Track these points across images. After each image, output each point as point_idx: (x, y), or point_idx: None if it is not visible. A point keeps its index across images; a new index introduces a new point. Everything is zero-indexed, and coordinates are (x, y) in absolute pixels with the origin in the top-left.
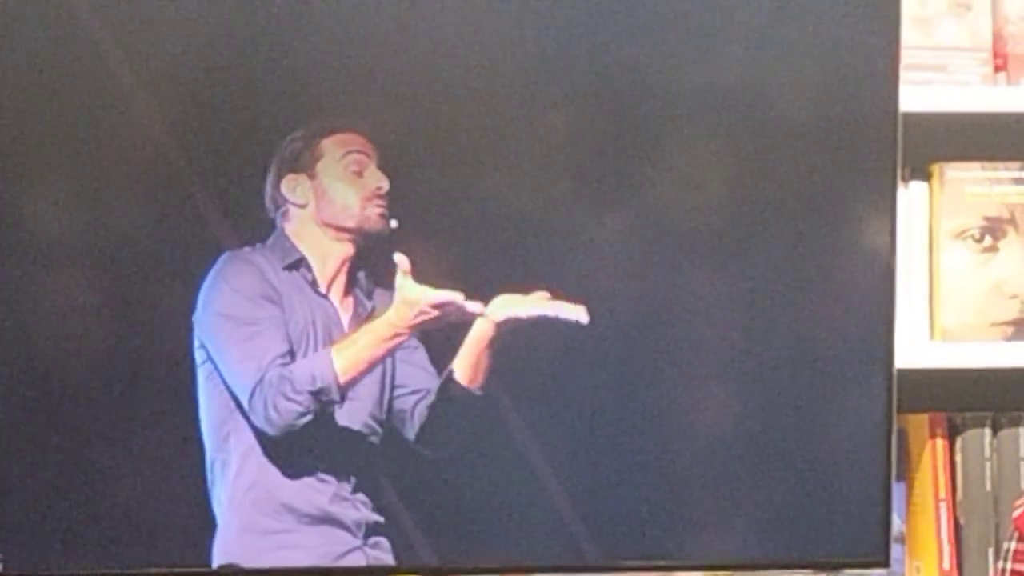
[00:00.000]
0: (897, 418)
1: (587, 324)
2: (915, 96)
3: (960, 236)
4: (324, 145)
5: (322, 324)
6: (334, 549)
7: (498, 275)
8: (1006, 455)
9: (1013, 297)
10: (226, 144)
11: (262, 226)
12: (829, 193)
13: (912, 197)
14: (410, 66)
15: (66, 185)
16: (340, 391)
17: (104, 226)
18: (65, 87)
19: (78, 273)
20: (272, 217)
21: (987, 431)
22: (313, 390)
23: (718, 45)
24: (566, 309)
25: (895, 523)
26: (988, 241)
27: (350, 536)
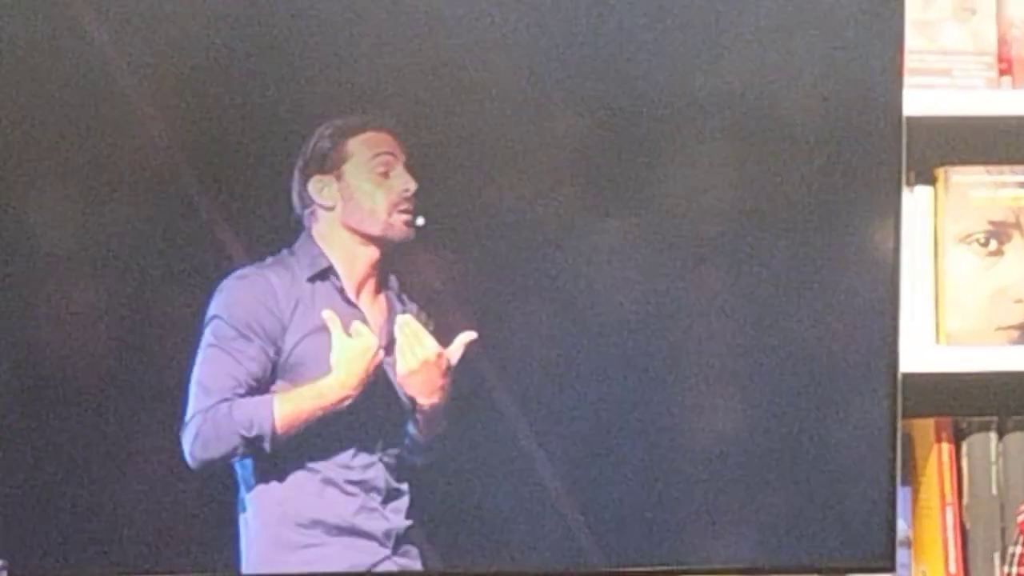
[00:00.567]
0: (903, 423)
1: (595, 328)
2: (920, 100)
3: (965, 240)
4: (351, 145)
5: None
6: (363, 560)
7: (508, 282)
8: (1012, 459)
9: (1018, 301)
10: (249, 146)
11: (287, 230)
12: (834, 198)
13: (917, 201)
14: (437, 65)
15: (86, 191)
16: (273, 441)
17: (122, 230)
18: (81, 90)
19: (96, 281)
20: (299, 215)
21: (993, 435)
22: (248, 436)
23: (724, 51)
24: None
25: (901, 527)
26: (993, 245)
27: (378, 546)
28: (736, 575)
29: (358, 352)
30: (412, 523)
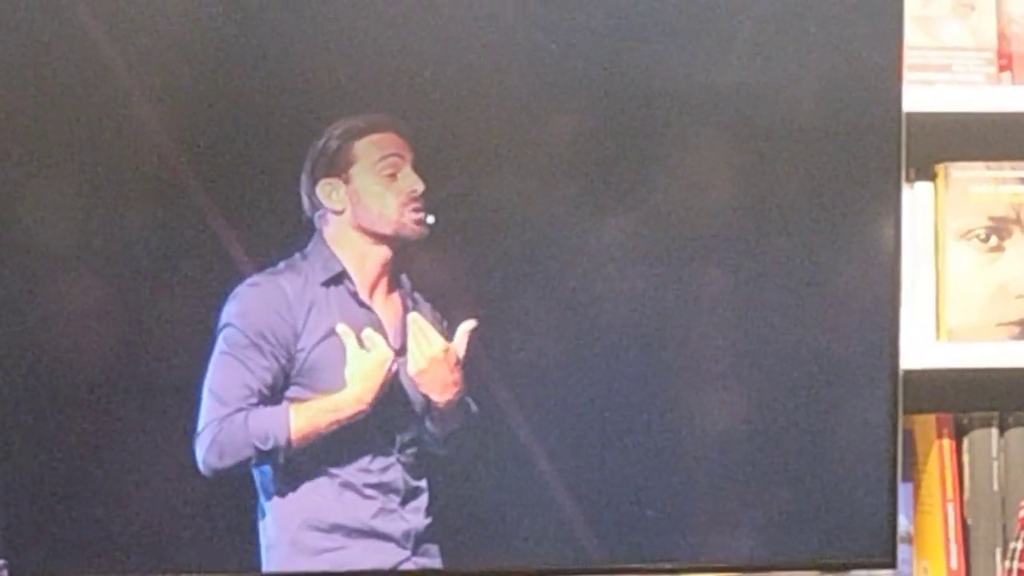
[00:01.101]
0: (904, 418)
1: (603, 322)
2: (920, 96)
3: (965, 236)
4: (358, 147)
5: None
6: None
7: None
8: (1013, 455)
9: (1019, 297)
10: (259, 149)
11: (299, 233)
12: (834, 194)
13: (917, 197)
14: (442, 66)
15: (98, 198)
16: (289, 451)
17: (132, 237)
18: (89, 97)
19: (108, 287)
20: (310, 217)
21: (994, 431)
22: (264, 448)
23: (723, 48)
24: None
25: (902, 523)
26: (994, 241)
27: (398, 548)
28: (739, 572)
29: (373, 366)
30: (431, 520)
